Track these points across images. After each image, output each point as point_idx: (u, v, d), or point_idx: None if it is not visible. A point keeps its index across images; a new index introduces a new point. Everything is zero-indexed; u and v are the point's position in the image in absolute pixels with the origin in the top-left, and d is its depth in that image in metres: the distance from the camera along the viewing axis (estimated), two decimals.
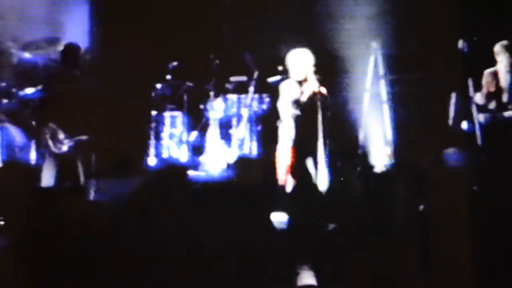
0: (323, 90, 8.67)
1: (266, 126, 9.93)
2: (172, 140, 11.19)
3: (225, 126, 11.06)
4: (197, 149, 11.14)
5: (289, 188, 8.46)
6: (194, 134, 11.23)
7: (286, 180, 8.68)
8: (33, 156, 9.98)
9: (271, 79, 9.26)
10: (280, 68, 9.18)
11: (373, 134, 10.53)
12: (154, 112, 11.17)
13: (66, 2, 10.82)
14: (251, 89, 10.88)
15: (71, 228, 5.55)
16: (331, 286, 5.21)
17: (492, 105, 9.14)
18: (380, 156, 10.02)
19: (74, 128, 9.04)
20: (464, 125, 10.07)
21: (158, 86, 11.19)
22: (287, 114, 8.75)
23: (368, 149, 10.40)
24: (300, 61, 8.65)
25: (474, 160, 9.19)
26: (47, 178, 8.96)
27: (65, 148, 9.06)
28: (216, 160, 10.83)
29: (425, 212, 5.81)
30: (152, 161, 10.94)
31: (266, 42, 11.45)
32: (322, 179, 8.65)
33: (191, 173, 10.11)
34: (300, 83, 8.72)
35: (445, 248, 5.46)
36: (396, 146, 10.31)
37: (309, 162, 8.71)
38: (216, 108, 11.04)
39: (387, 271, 5.26)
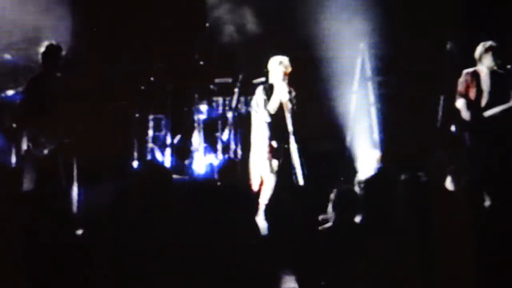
0: (293, 94, 8.86)
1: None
2: (156, 143, 11.12)
3: (209, 129, 10.98)
4: (182, 151, 11.07)
5: (266, 190, 8.50)
6: (179, 136, 11.17)
7: (261, 182, 8.73)
8: (13, 159, 9.88)
9: (257, 80, 9.21)
10: (265, 69, 9.18)
11: (360, 136, 10.51)
12: (137, 115, 11.09)
13: (47, 3, 10.78)
14: (236, 90, 10.81)
15: (51, 233, 5.44)
16: None
17: (474, 105, 9.04)
18: (368, 158, 9.97)
19: (55, 131, 8.89)
20: (452, 127, 10.02)
21: (142, 88, 11.09)
22: (260, 118, 8.86)
23: (355, 151, 10.39)
24: (276, 67, 8.86)
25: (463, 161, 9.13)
26: (28, 181, 8.82)
27: (46, 151, 8.91)
28: (201, 163, 10.74)
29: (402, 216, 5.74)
30: (135, 164, 10.85)
31: (251, 45, 11.44)
32: (299, 179, 8.70)
33: (175, 175, 10.02)
34: (274, 87, 8.85)
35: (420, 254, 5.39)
36: (384, 148, 10.28)
37: (285, 162, 8.75)
38: (201, 110, 10.95)
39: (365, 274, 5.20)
